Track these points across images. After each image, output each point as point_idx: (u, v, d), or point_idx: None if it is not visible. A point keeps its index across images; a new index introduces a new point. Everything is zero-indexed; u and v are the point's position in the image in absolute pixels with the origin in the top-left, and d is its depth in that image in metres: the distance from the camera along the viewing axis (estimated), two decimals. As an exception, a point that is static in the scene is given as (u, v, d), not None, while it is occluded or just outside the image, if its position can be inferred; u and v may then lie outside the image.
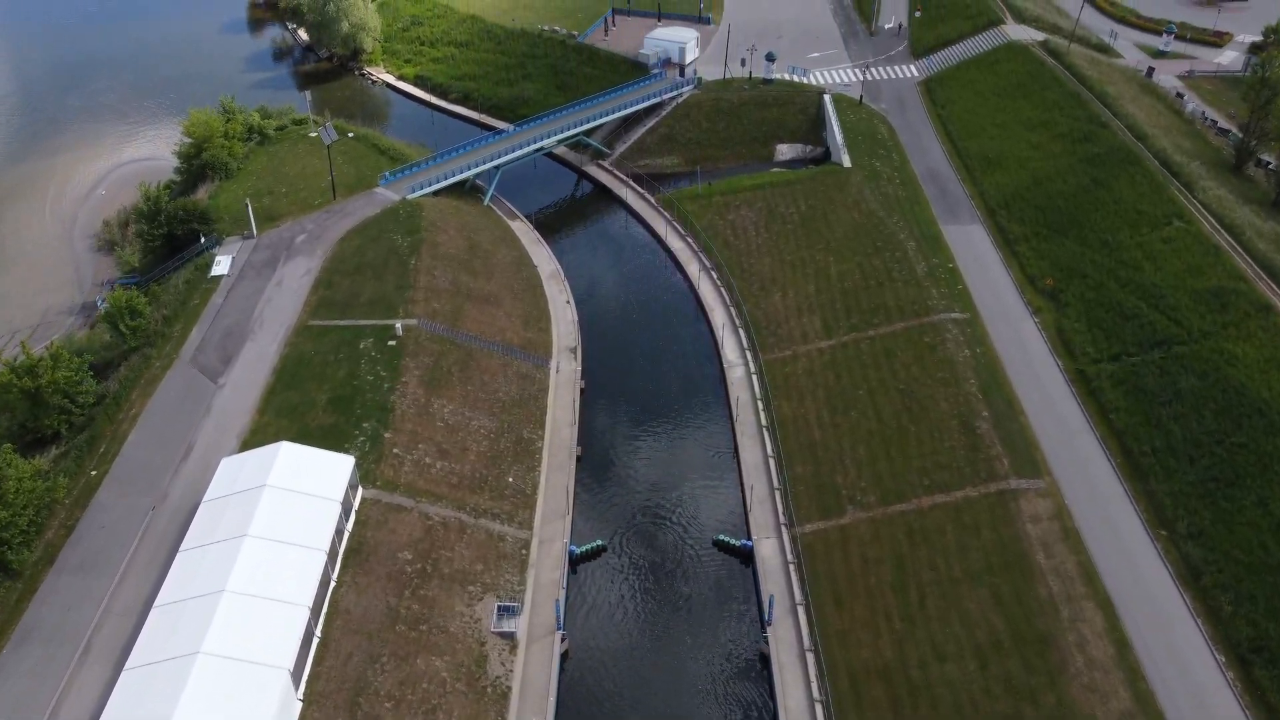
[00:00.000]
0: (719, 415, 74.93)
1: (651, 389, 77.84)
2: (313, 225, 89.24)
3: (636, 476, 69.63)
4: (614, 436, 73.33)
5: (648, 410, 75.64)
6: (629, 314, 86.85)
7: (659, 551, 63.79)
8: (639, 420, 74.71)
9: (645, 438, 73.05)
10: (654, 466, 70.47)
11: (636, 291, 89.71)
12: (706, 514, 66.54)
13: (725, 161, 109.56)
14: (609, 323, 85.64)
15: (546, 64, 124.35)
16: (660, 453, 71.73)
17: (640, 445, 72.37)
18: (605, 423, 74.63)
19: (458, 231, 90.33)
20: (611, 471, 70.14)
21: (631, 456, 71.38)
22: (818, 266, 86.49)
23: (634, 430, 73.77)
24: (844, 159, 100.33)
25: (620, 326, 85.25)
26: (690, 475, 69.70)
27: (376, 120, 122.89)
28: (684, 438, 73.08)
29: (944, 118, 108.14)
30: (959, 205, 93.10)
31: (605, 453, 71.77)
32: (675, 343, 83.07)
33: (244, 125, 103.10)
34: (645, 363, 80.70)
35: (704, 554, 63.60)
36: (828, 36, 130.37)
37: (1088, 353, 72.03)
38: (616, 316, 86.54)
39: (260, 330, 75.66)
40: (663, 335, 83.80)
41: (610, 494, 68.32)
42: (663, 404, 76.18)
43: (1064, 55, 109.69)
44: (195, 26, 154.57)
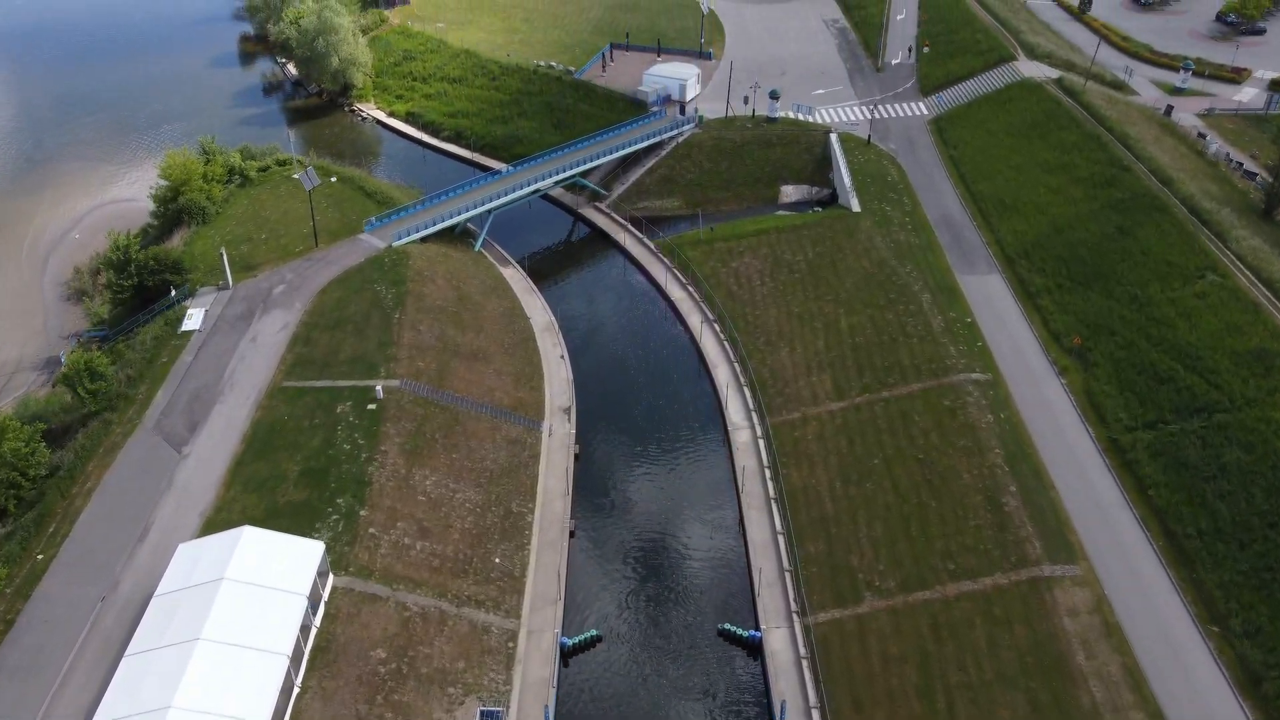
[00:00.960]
0: (724, 484, 69.62)
1: (650, 454, 72.62)
2: (292, 275, 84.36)
3: (634, 554, 64.21)
4: (610, 509, 67.97)
5: (646, 478, 70.39)
6: (627, 370, 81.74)
7: (659, 643, 58.27)
8: (637, 490, 69.42)
9: (644, 510, 67.71)
10: (653, 543, 65.06)
11: (635, 345, 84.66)
12: (711, 598, 61.08)
13: (728, 204, 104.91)
14: (606, 380, 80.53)
15: (542, 101, 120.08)
16: (660, 527, 66.34)
17: (638, 519, 67.01)
18: (601, 493, 69.29)
19: (446, 281, 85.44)
20: (607, 549, 64.73)
21: (629, 531, 66.00)
22: (827, 320, 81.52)
23: (632, 501, 68.44)
24: (852, 202, 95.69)
25: (618, 384, 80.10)
26: (693, 553, 64.29)
27: (366, 158, 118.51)
28: (686, 510, 67.72)
29: (956, 159, 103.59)
30: (975, 253, 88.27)
31: (601, 527, 66.40)
32: (676, 402, 77.92)
33: (224, 167, 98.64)
34: (644, 425, 75.51)
35: (709, 646, 58.08)
36: (833, 72, 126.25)
37: (1120, 419, 66.83)
38: (614, 373, 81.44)
39: (231, 392, 70.54)
40: (663, 394, 78.66)
41: (606, 575, 62.87)
42: (663, 471, 70.93)
43: (1080, 93, 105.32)
44: (186, 61, 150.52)
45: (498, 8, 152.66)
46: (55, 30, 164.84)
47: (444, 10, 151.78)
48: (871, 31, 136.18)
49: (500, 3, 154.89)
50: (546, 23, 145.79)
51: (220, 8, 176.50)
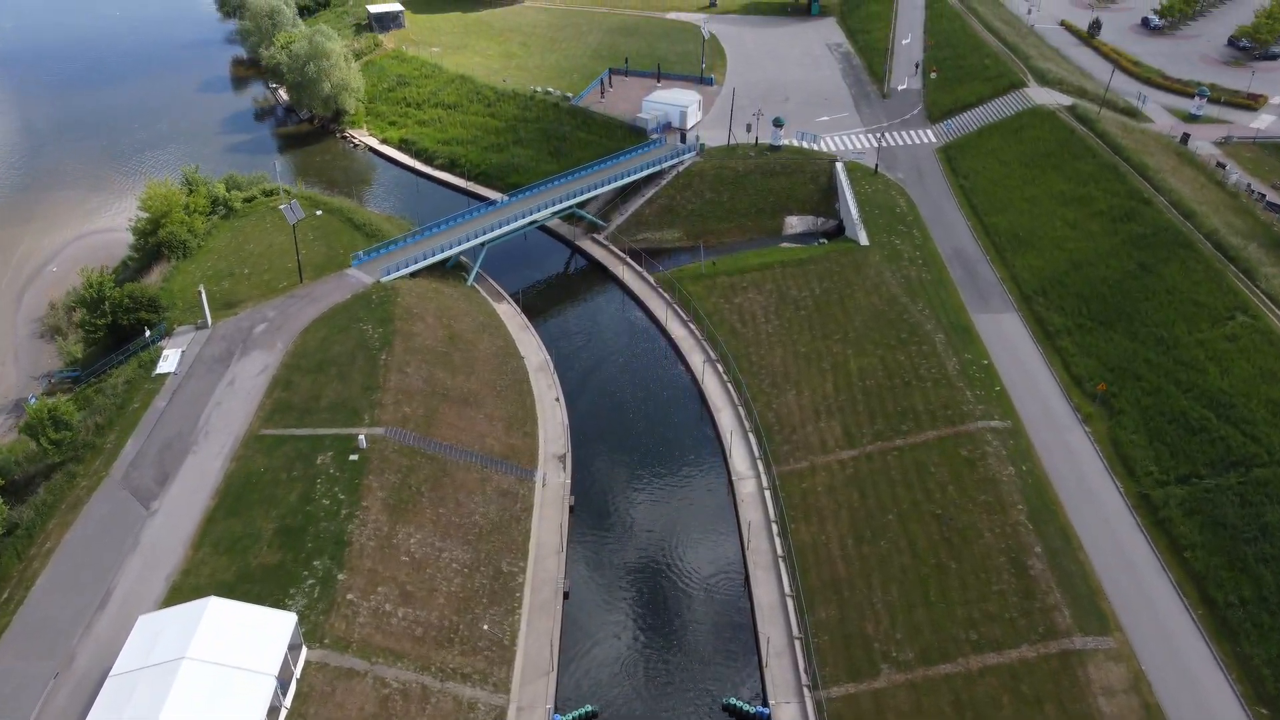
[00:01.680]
0: (728, 539, 65.47)
1: (650, 506, 68.52)
2: (274, 313, 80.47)
3: (633, 617, 60.00)
4: (607, 566, 63.81)
5: (645, 533, 66.23)
6: (625, 414, 77.72)
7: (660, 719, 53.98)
8: (635, 545, 65.25)
9: (643, 568, 63.51)
10: (653, 605, 60.84)
11: (634, 386, 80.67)
12: (715, 669, 56.81)
13: (730, 235, 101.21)
14: (603, 424, 76.52)
15: (538, 128, 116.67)
16: (660, 587, 62.13)
17: (637, 577, 62.81)
18: (597, 548, 65.14)
19: (436, 319, 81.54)
20: (604, 611, 60.51)
21: (627, 591, 61.80)
22: (835, 360, 77.59)
23: (630, 558, 64.26)
24: (860, 235, 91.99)
25: (615, 429, 76.08)
26: (696, 617, 60.07)
27: (357, 187, 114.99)
28: (688, 569, 63.51)
29: (967, 189, 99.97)
30: (990, 290, 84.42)
31: (597, 587, 62.21)
32: (677, 449, 73.86)
33: (207, 198, 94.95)
34: (643, 473, 71.44)
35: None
36: (838, 99, 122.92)
37: (1150, 473, 62.76)
38: (611, 416, 77.42)
39: (205, 441, 66.47)
40: (663, 439, 74.61)
41: (602, 641, 58.63)
42: (663, 525, 66.79)
43: (1095, 121, 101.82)
44: (178, 85, 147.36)
45: (494, 32, 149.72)
46: (47, 56, 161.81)
47: (439, 34, 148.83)
48: (876, 56, 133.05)
49: (497, 27, 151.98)
50: (544, 47, 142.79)
51: (213, 32, 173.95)
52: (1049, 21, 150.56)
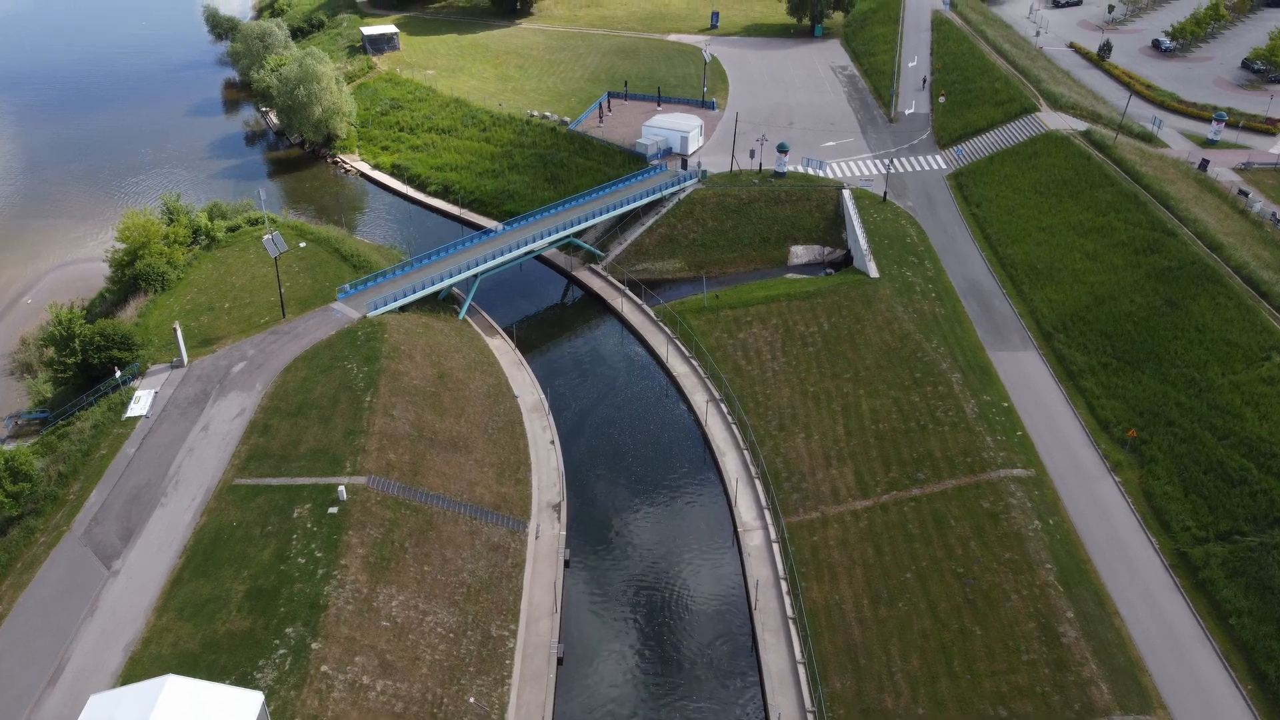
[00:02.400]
0: (735, 597, 61.10)
1: (651, 560, 64.17)
2: (254, 351, 76.38)
3: (631, 688, 55.57)
4: (604, 628, 59.40)
5: (646, 590, 61.85)
6: (624, 458, 73.47)
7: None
8: (635, 604, 60.86)
9: (643, 630, 59.10)
10: (654, 673, 56.41)
11: (634, 428, 76.45)
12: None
13: (734, 266, 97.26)
14: (601, 469, 72.29)
15: (534, 154, 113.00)
16: (661, 652, 57.69)
17: (636, 641, 58.39)
18: (594, 609, 60.74)
19: (425, 357, 77.44)
20: (600, 681, 56.07)
21: (625, 658, 57.37)
22: (846, 401, 73.45)
23: (628, 620, 59.86)
24: (869, 267, 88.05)
25: (614, 474, 71.83)
26: (700, 687, 55.60)
27: (347, 214, 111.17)
28: (692, 632, 59.08)
29: (980, 218, 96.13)
30: (1007, 326, 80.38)
31: (593, 652, 57.79)
32: (679, 496, 69.61)
33: (189, 228, 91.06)
34: (643, 523, 67.15)
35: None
36: (843, 123, 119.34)
37: (1188, 528, 58.49)
38: (610, 461, 73.17)
39: (175, 492, 62.23)
40: (664, 486, 70.37)
41: (599, 714, 54.13)
42: (664, 582, 62.40)
43: (1111, 148, 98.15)
44: (168, 108, 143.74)
45: (490, 54, 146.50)
46: (38, 79, 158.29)
47: (434, 57, 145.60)
48: (882, 79, 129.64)
49: (493, 49, 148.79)
50: (541, 70, 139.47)
51: (205, 54, 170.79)
52: (1057, 44, 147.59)
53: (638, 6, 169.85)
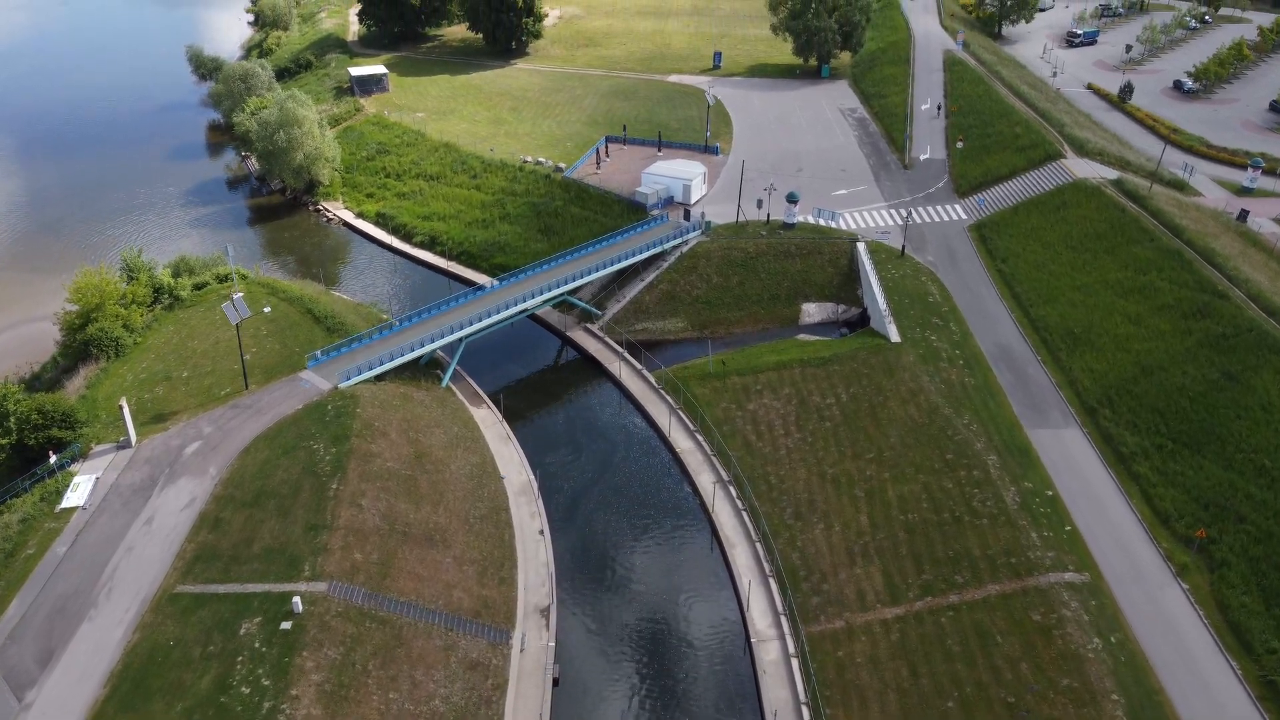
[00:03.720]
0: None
1: (653, 676, 56.18)
2: (212, 428, 68.79)
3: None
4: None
5: (647, 716, 53.74)
6: (621, 550, 65.67)
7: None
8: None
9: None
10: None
11: (632, 515, 68.71)
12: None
13: (741, 325, 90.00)
14: (595, 564, 64.48)
15: (527, 203, 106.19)
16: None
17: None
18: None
19: (401, 434, 69.85)
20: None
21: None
22: (869, 486, 65.79)
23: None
24: (890, 329, 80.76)
25: (609, 571, 64.01)
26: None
27: (328, 266, 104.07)
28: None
29: (1007, 275, 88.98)
30: (1045, 399, 72.90)
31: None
32: (685, 595, 61.77)
33: (150, 286, 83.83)
34: (644, 631, 59.24)
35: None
36: (855, 170, 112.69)
37: (1274, 650, 50.66)
38: (605, 555, 65.35)
39: (106, 603, 54.38)
40: (668, 586, 62.55)
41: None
42: (668, 706, 54.32)
43: (1146, 198, 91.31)
44: (150, 151, 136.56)
45: (483, 96, 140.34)
46: (16, 120, 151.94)
47: (425, 98, 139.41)
48: (895, 122, 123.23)
49: (486, 90, 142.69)
50: (535, 112, 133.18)
51: (190, 95, 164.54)
52: (1074, 85, 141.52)
53: (637, 46, 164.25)
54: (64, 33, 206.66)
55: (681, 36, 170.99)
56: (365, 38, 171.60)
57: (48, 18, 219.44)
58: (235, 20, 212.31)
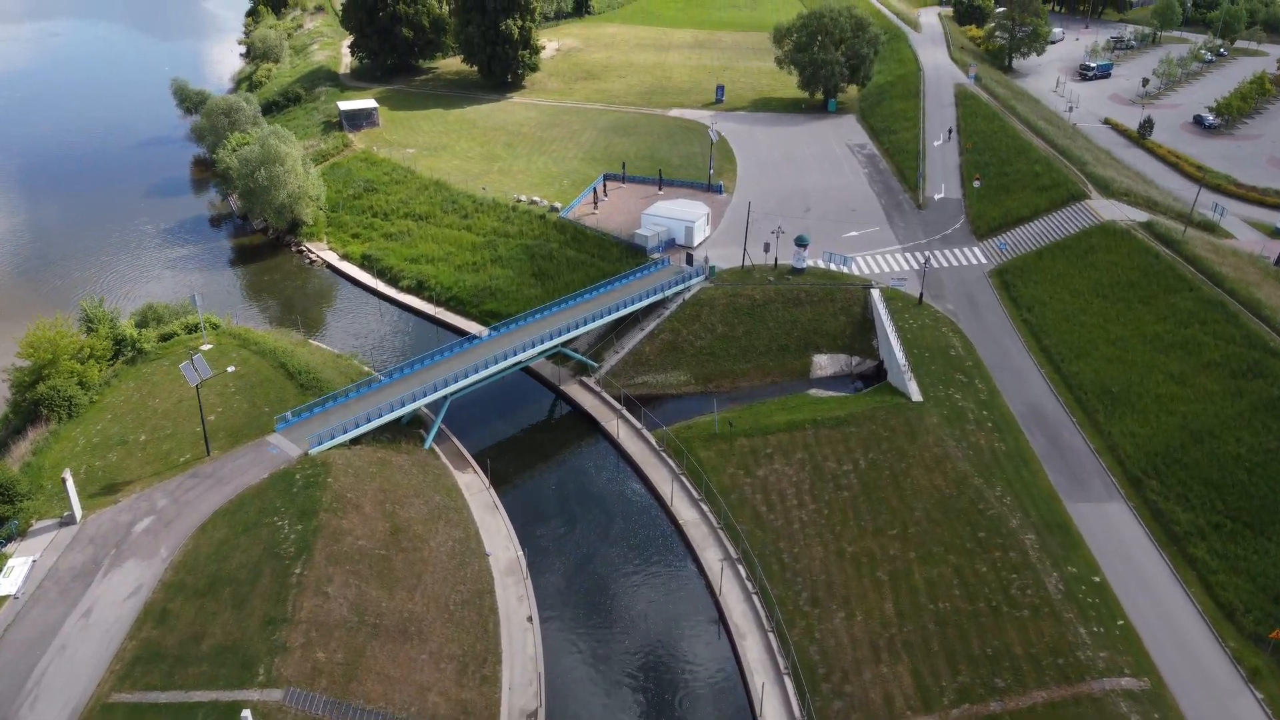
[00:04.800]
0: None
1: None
2: (167, 501, 62.37)
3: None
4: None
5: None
6: (619, 639, 59.02)
7: None
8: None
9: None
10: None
11: (631, 596, 62.18)
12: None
13: (748, 378, 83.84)
14: (589, 658, 57.79)
15: (520, 245, 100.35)
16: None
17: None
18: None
19: (376, 506, 63.40)
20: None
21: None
22: (894, 567, 59.27)
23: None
24: (909, 386, 74.56)
25: (605, 666, 57.30)
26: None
27: (309, 313, 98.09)
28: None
29: (1033, 325, 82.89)
30: (1084, 468, 66.50)
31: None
32: (690, 696, 55.07)
33: (110, 338, 77.73)
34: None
35: None
36: (866, 210, 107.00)
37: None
38: (600, 646, 58.67)
39: (30, 715, 47.68)
40: (671, 682, 55.87)
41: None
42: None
43: (1180, 243, 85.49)
44: (132, 187, 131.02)
45: (477, 131, 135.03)
46: None
47: (416, 133, 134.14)
48: (906, 159, 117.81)
49: (481, 125, 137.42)
50: (530, 148, 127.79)
51: (176, 128, 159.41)
52: (1090, 120, 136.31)
53: (637, 80, 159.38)
54: (53, 64, 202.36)
55: (683, 69, 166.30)
56: (358, 70, 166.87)
57: (38, 49, 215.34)
58: (228, 52, 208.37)
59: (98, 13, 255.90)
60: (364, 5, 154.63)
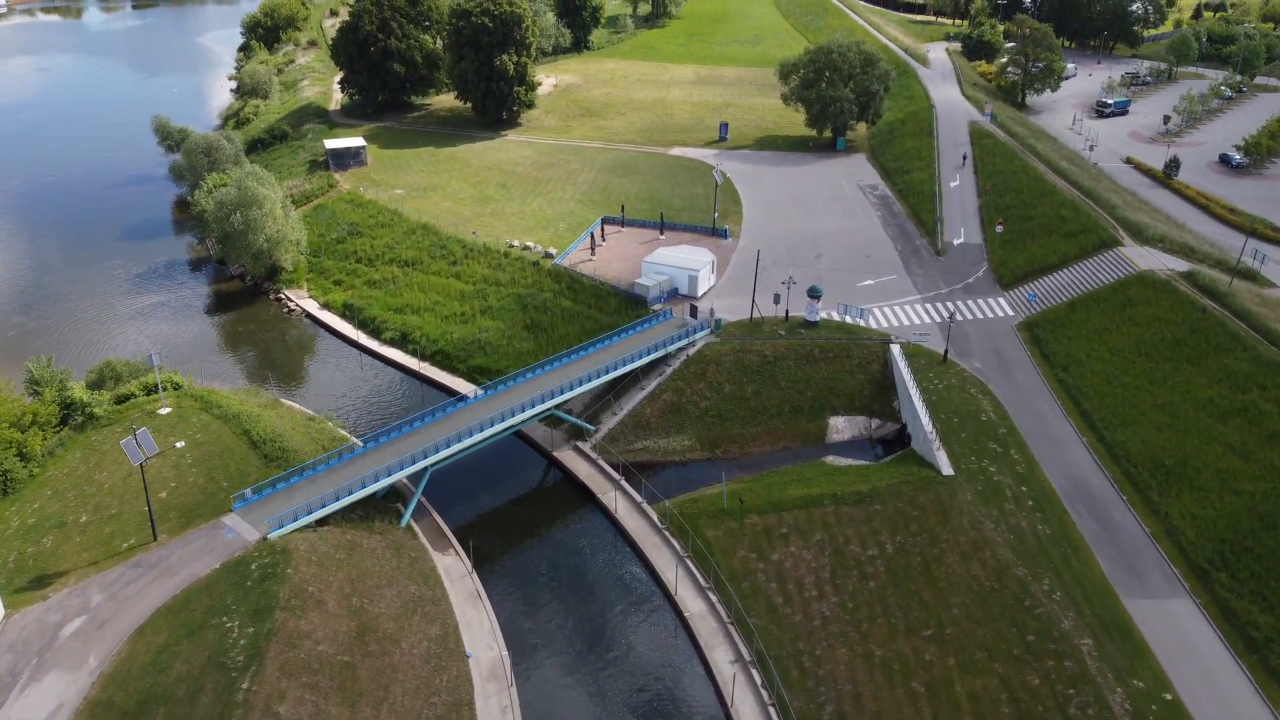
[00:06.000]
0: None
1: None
2: (103, 597, 54.99)
3: None
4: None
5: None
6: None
7: None
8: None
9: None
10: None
11: (631, 705, 54.55)
12: None
13: (758, 444, 76.76)
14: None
15: (512, 294, 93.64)
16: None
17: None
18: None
19: (341, 601, 56.00)
20: None
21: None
22: (932, 678, 51.75)
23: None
24: (938, 457, 67.42)
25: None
26: None
27: (285, 368, 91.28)
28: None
29: (1071, 388, 75.81)
30: (1141, 556, 59.09)
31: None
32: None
33: (58, 403, 70.67)
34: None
35: None
36: (881, 256, 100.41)
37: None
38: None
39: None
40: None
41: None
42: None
43: (1228, 295, 78.79)
44: (107, 227, 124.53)
45: (470, 170, 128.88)
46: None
47: (406, 173, 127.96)
48: (922, 201, 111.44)
49: (474, 165, 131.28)
50: (525, 189, 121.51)
51: (160, 166, 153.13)
52: (1112, 159, 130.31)
53: (637, 117, 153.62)
54: (35, 100, 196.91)
55: (684, 106, 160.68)
56: (348, 107, 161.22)
57: (20, 85, 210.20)
58: (219, 88, 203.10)
59: (94, 48, 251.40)
60: (354, 40, 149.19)
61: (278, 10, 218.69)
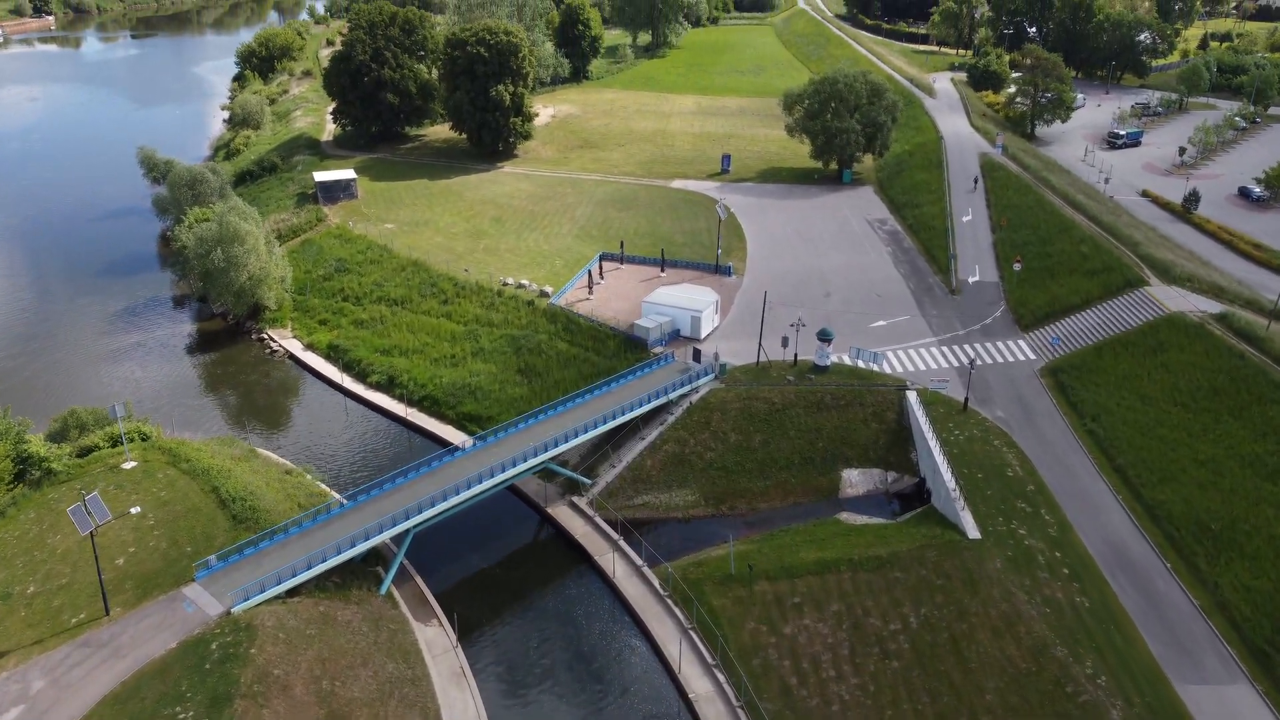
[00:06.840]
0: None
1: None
2: (44, 683, 49.61)
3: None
4: None
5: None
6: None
7: None
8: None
9: None
10: None
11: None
12: None
13: (766, 499, 71.70)
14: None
15: (505, 336, 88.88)
16: None
17: None
18: None
19: (310, 685, 50.60)
20: None
21: None
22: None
23: None
24: (963, 518, 62.32)
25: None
26: None
27: (264, 413, 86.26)
28: None
29: (1102, 440, 70.80)
30: (1191, 634, 53.81)
31: None
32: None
33: (13, 457, 65.54)
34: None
35: None
36: (893, 295, 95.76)
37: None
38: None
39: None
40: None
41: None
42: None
43: (1265, 340, 74.01)
44: (88, 263, 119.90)
45: (463, 204, 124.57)
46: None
47: (397, 206, 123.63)
48: (934, 237, 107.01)
49: (468, 198, 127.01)
50: (520, 223, 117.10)
51: (146, 199, 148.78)
52: (1127, 191, 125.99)
53: (637, 148, 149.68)
54: (27, 129, 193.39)
55: (685, 137, 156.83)
56: (340, 138, 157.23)
57: (14, 114, 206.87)
58: (212, 119, 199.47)
59: (91, 78, 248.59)
60: (347, 70, 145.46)
61: (273, 40, 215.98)
